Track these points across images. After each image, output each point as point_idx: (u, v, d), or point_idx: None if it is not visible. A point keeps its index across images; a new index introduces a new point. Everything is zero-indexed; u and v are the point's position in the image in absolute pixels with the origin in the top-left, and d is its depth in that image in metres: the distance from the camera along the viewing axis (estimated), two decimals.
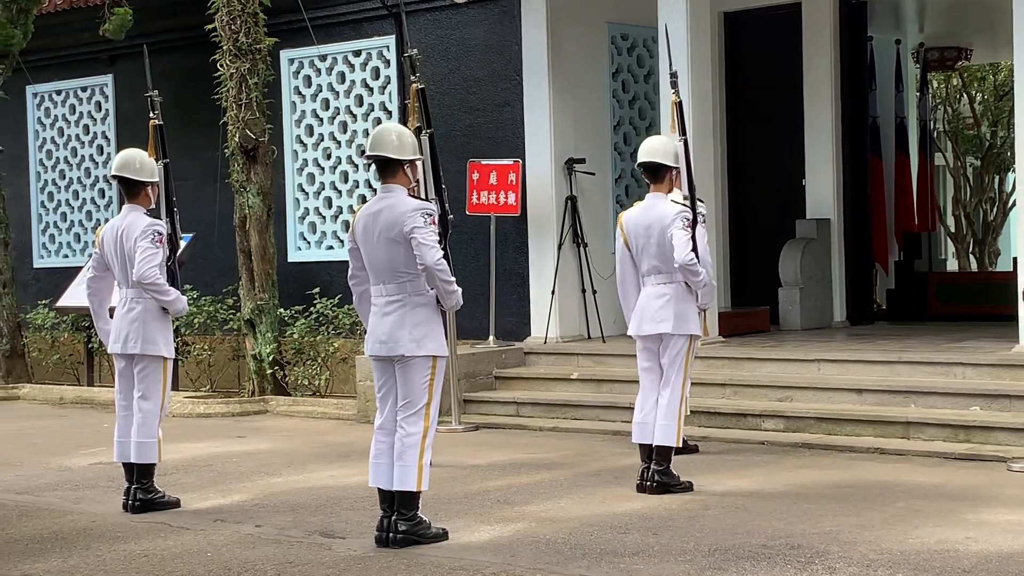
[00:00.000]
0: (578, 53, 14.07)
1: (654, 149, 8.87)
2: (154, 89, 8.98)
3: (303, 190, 15.90)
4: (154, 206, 8.79)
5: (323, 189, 15.78)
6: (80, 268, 16.44)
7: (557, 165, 13.75)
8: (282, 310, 14.50)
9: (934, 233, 17.79)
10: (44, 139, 18.58)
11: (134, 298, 8.64)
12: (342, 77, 15.58)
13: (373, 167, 14.77)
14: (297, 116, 15.89)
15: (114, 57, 17.47)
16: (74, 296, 15.83)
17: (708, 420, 11.05)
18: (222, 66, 14.33)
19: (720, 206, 14.78)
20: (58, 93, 18.37)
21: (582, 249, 13.76)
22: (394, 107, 15.00)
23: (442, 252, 7.22)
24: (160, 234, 8.54)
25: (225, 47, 14.25)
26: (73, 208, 18.32)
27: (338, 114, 15.62)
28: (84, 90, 18.09)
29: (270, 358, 14.21)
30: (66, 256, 18.39)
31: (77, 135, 18.24)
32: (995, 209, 25.27)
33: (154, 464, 8.68)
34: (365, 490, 9.01)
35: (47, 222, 18.61)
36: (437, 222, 7.26)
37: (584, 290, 13.80)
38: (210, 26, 14.39)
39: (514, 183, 13.63)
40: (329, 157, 15.72)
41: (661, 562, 6.84)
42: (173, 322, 8.96)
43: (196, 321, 14.93)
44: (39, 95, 18.53)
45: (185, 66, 16.09)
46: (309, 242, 15.87)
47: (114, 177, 8.83)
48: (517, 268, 14.03)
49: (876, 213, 15.62)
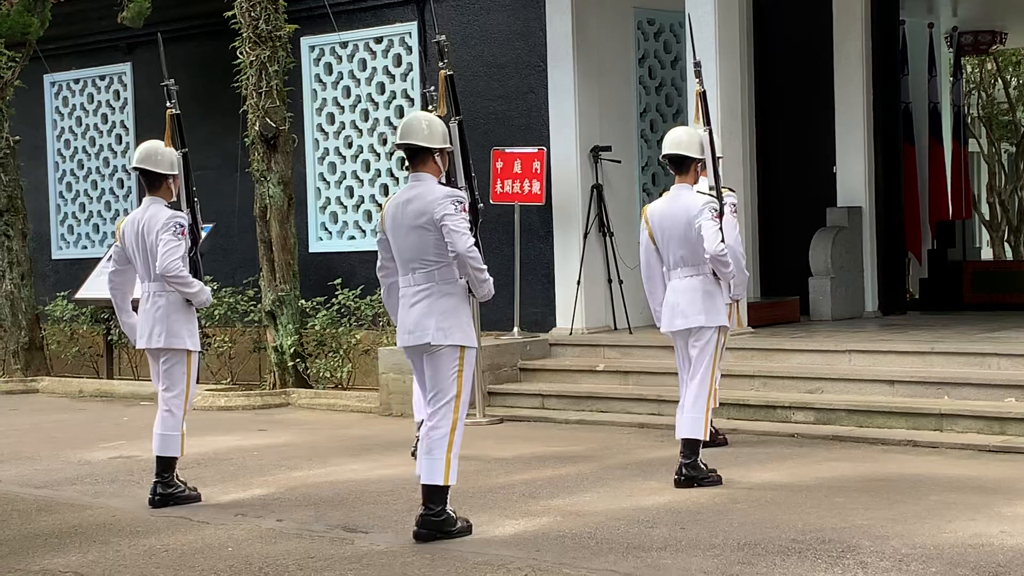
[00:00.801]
0: (604, 39, 14.05)
1: (679, 140, 8.87)
2: (170, 78, 9.00)
3: (324, 179, 15.92)
4: (175, 199, 8.82)
5: (344, 178, 15.81)
6: (99, 259, 16.51)
7: (582, 153, 13.74)
8: (303, 301, 14.53)
9: (968, 221, 17.72)
10: (62, 129, 18.66)
11: (157, 292, 8.67)
12: (364, 64, 15.59)
13: (395, 156, 14.84)
14: (318, 104, 15.91)
15: (132, 45, 17.52)
16: (93, 288, 15.90)
17: (737, 412, 11.05)
18: (242, 53, 14.35)
19: (749, 194, 14.73)
20: (76, 82, 18.43)
21: (608, 238, 13.75)
22: (416, 94, 15.01)
23: (474, 240, 7.26)
24: (182, 226, 8.58)
25: (245, 34, 14.28)
26: (92, 199, 18.39)
27: (359, 102, 15.64)
28: (102, 79, 18.15)
29: (291, 350, 14.25)
30: (85, 247, 18.46)
31: (95, 124, 18.30)
32: None
33: (176, 458, 8.72)
34: (388, 484, 9.05)
35: (65, 213, 18.69)
36: (468, 210, 7.30)
37: (610, 280, 13.79)
38: (229, 13, 14.41)
39: (539, 171, 13.62)
40: (351, 146, 15.74)
41: (689, 557, 6.84)
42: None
43: (216, 313, 14.97)
44: (57, 84, 18.60)
45: (204, 54, 16.13)
46: (330, 232, 15.89)
47: (134, 169, 8.86)
48: (542, 258, 14.03)
49: (909, 201, 15.56)
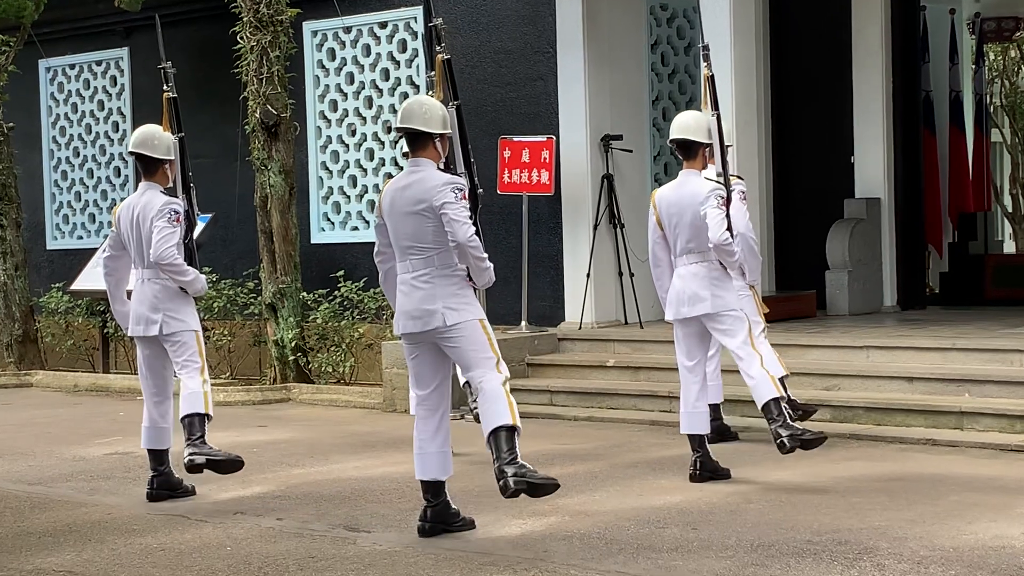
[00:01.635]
0: (615, 24, 14.04)
1: (686, 125, 8.88)
2: (167, 61, 9.00)
3: (327, 168, 15.93)
4: (172, 184, 8.86)
5: (348, 167, 15.81)
6: (95, 250, 16.52)
7: (593, 142, 13.73)
8: (305, 294, 14.54)
9: (990, 213, 17.71)
10: (57, 115, 18.67)
11: (151, 279, 8.71)
12: (367, 50, 15.59)
13: (400, 143, 14.82)
14: (320, 91, 15.91)
15: (130, 29, 17.52)
16: (89, 279, 15.91)
17: (751, 409, 10.99)
18: (242, 38, 14.35)
19: (764, 184, 14.72)
20: (72, 67, 18.44)
21: (619, 230, 13.74)
22: (421, 81, 14.99)
23: (474, 228, 7.26)
24: (177, 212, 8.61)
25: (245, 18, 14.28)
26: (88, 187, 18.40)
27: (363, 88, 15.64)
28: (99, 64, 18.16)
29: (292, 344, 14.25)
30: (80, 237, 18.48)
31: (91, 111, 18.31)
32: None
33: (202, 416, 8.71)
34: (391, 482, 9.05)
35: (60, 202, 18.70)
36: (467, 197, 7.31)
37: (621, 273, 13.79)
38: None
39: (547, 161, 13.61)
40: (354, 134, 15.74)
41: (701, 558, 6.84)
42: None
43: (216, 306, 14.98)
44: (52, 69, 18.61)
45: (203, 39, 16.13)
46: (333, 223, 15.90)
47: (131, 154, 8.89)
48: (550, 250, 14.03)
49: (929, 192, 15.54)
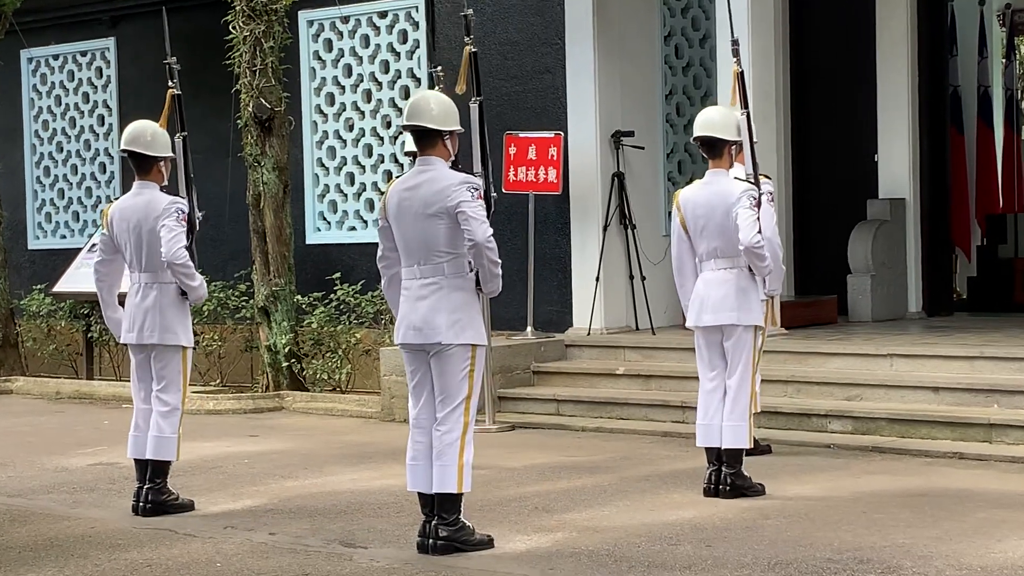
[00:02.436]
0: (627, 14, 14.03)
1: (711, 122, 8.87)
2: (172, 56, 9.01)
3: (323, 165, 15.93)
4: (167, 183, 8.88)
5: (345, 164, 15.81)
6: (79, 250, 16.53)
7: (603, 138, 13.72)
8: (299, 297, 14.53)
9: (1020, 215, 17.67)
10: (40, 108, 18.68)
11: (148, 283, 8.72)
12: (366, 41, 15.59)
13: (400, 140, 14.82)
14: (317, 84, 15.91)
15: (116, 19, 17.53)
16: (72, 280, 15.91)
17: (769, 420, 11.02)
18: (234, 28, 14.36)
19: (783, 183, 14.71)
20: (55, 58, 18.45)
21: (630, 231, 13.73)
22: (423, 74, 15.00)
23: (492, 230, 7.27)
24: (183, 211, 8.68)
25: (238, 7, 14.28)
26: (72, 184, 18.41)
27: (362, 81, 15.64)
28: (84, 55, 18.17)
29: (286, 350, 14.25)
30: (64, 237, 18.49)
31: (76, 104, 18.32)
32: None
33: (170, 462, 8.77)
34: (389, 495, 9.04)
35: (43, 199, 18.71)
36: (483, 197, 7.31)
37: (632, 276, 13.78)
38: None
39: (555, 158, 13.60)
40: (352, 129, 15.74)
41: None
42: None
43: (206, 309, 14.98)
44: (35, 60, 18.62)
45: (194, 28, 16.13)
46: (329, 222, 15.90)
47: (123, 151, 8.89)
48: (558, 252, 14.02)
49: (956, 192, 15.52)
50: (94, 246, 16.09)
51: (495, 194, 7.67)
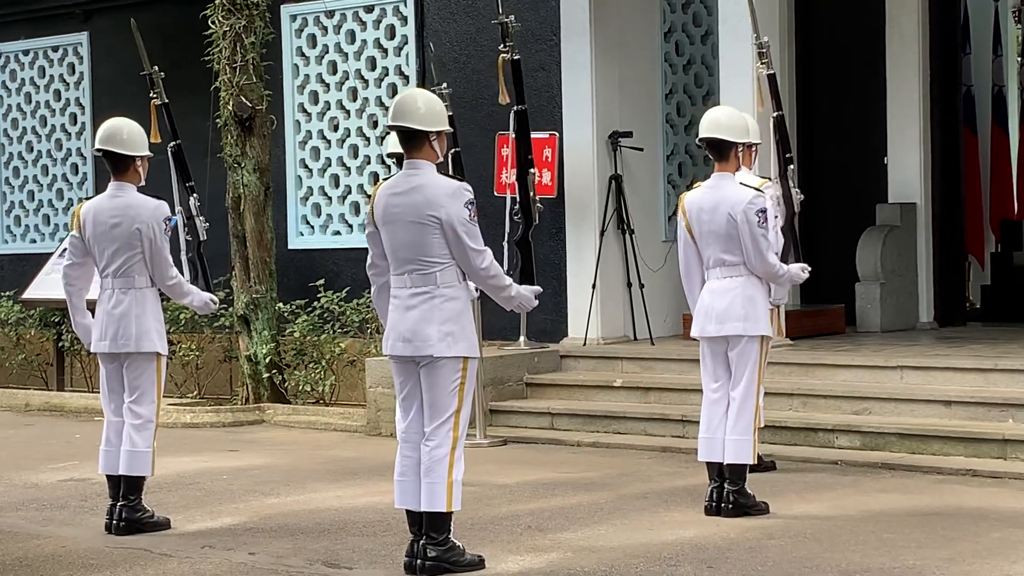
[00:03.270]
0: (625, 9, 14.04)
1: (717, 122, 8.87)
2: (154, 66, 9.02)
3: (306, 166, 15.92)
4: (144, 183, 8.88)
5: (329, 165, 15.81)
6: (50, 255, 16.51)
7: (600, 139, 13.72)
8: (281, 305, 14.52)
9: None
10: (9, 106, 18.66)
11: (120, 288, 8.72)
12: (352, 36, 15.59)
13: (386, 141, 14.79)
14: (300, 81, 15.91)
15: (89, 13, 17.52)
16: (43, 287, 15.88)
17: (773, 435, 11.03)
18: (214, 23, 14.35)
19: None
20: (25, 53, 18.44)
21: (628, 236, 13.73)
22: (412, 71, 15.01)
23: (490, 253, 7.31)
24: (170, 219, 8.67)
25: (217, 1, 14.28)
26: (42, 186, 18.39)
27: (347, 79, 15.64)
28: (55, 50, 18.16)
29: (267, 360, 14.24)
30: (33, 241, 18.47)
31: (47, 102, 18.30)
32: None
33: (144, 478, 8.75)
34: (375, 513, 9.04)
35: (12, 201, 18.69)
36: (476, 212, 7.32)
37: (630, 284, 13.78)
38: None
39: (550, 160, 13.61)
40: (336, 128, 15.74)
41: None
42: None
43: (182, 317, 14.96)
44: (3, 56, 18.61)
45: (171, 23, 16.12)
46: (313, 227, 15.89)
47: (99, 151, 8.88)
48: (552, 258, 14.02)
49: (970, 197, 15.53)
50: (65, 251, 16.09)
51: (540, 206, 7.68)
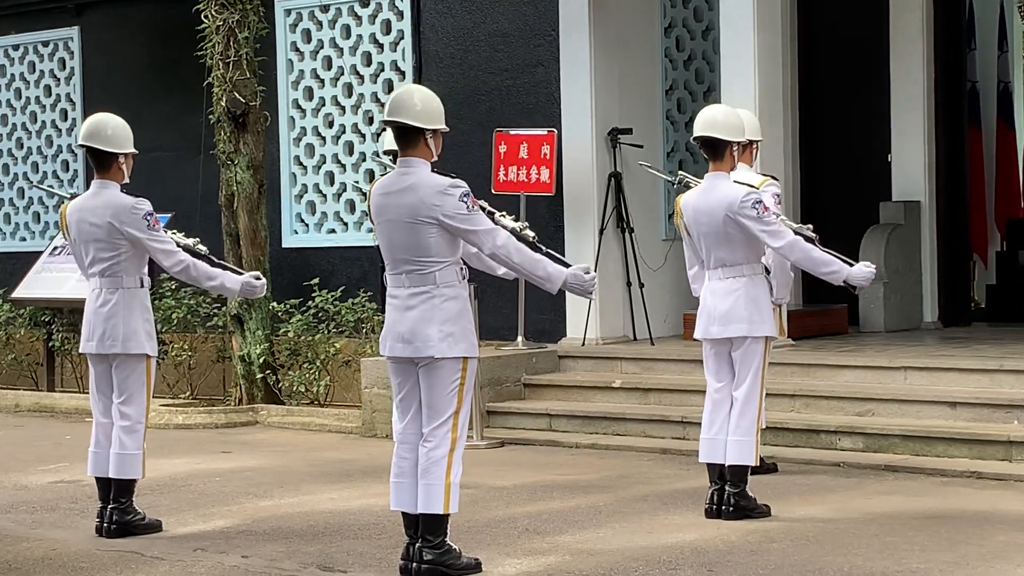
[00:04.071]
0: (625, 5, 14.04)
1: (712, 121, 8.88)
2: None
3: (301, 164, 15.91)
4: (128, 180, 8.85)
5: (324, 162, 15.80)
6: (40, 253, 16.51)
7: (599, 136, 13.72)
8: (275, 304, 14.52)
9: None
10: None
11: (108, 289, 8.71)
12: (347, 31, 15.58)
13: (382, 137, 14.79)
14: (294, 77, 15.90)
15: (81, 7, 17.50)
16: (33, 286, 15.88)
17: (775, 437, 11.03)
18: (206, 17, 14.34)
19: (790, 185, 14.72)
20: (15, 48, 18.42)
21: (627, 235, 13.73)
22: (408, 67, 15.00)
23: (504, 232, 7.29)
24: (153, 214, 8.65)
25: None
26: (32, 183, 18.36)
27: (342, 74, 15.63)
28: (46, 44, 18.14)
29: (260, 360, 14.23)
30: (23, 239, 18.45)
31: (37, 97, 18.29)
32: None
33: (135, 480, 8.75)
34: (371, 516, 9.04)
35: (1, 199, 18.68)
36: (476, 200, 7.28)
37: (629, 283, 13.78)
38: None
39: (548, 157, 13.60)
40: (331, 125, 15.73)
41: None
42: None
43: (175, 316, 14.96)
44: None
45: (163, 18, 16.13)
46: (307, 225, 15.88)
47: (81, 147, 8.88)
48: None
49: (974, 195, 15.53)
50: (56, 249, 16.11)
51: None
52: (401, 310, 7.38)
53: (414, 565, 7.35)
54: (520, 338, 13.58)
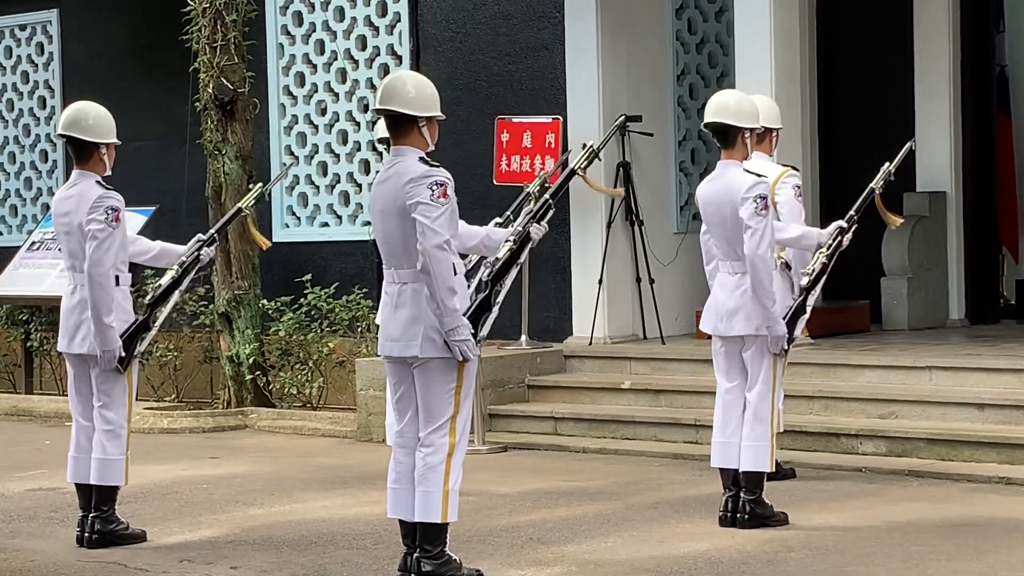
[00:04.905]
0: None
1: (724, 106, 8.88)
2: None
3: (292, 153, 15.92)
4: (109, 172, 8.85)
5: (317, 152, 15.80)
6: (17, 248, 16.52)
7: (606, 124, 13.72)
8: (265, 302, 14.52)
9: None
10: None
11: (83, 284, 8.70)
12: (341, 14, 15.59)
13: (377, 126, 14.82)
14: (285, 62, 15.90)
15: None
16: (10, 282, 15.89)
17: (793, 440, 11.03)
18: (193, 0, 14.35)
19: (809, 175, 14.71)
20: None
21: (637, 228, 13.73)
22: (405, 51, 15.00)
23: (447, 238, 7.13)
24: (116, 210, 8.60)
25: None
26: (9, 174, 18.39)
27: (335, 59, 15.63)
28: (23, 28, 18.16)
29: (250, 361, 14.24)
30: (0, 234, 18.46)
31: (14, 84, 18.31)
32: None
33: (117, 488, 8.76)
34: (366, 524, 9.04)
35: None
36: (450, 194, 7.22)
37: (639, 279, 13.78)
38: None
39: (553, 146, 13.61)
40: (324, 113, 15.73)
41: None
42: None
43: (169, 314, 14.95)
44: None
45: (147, 0, 16.13)
46: (299, 218, 15.89)
47: (61, 136, 8.88)
48: (556, 252, 14.01)
49: (1004, 185, 15.52)
50: (34, 244, 16.13)
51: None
52: (392, 307, 7.38)
53: None
54: (524, 337, 13.58)
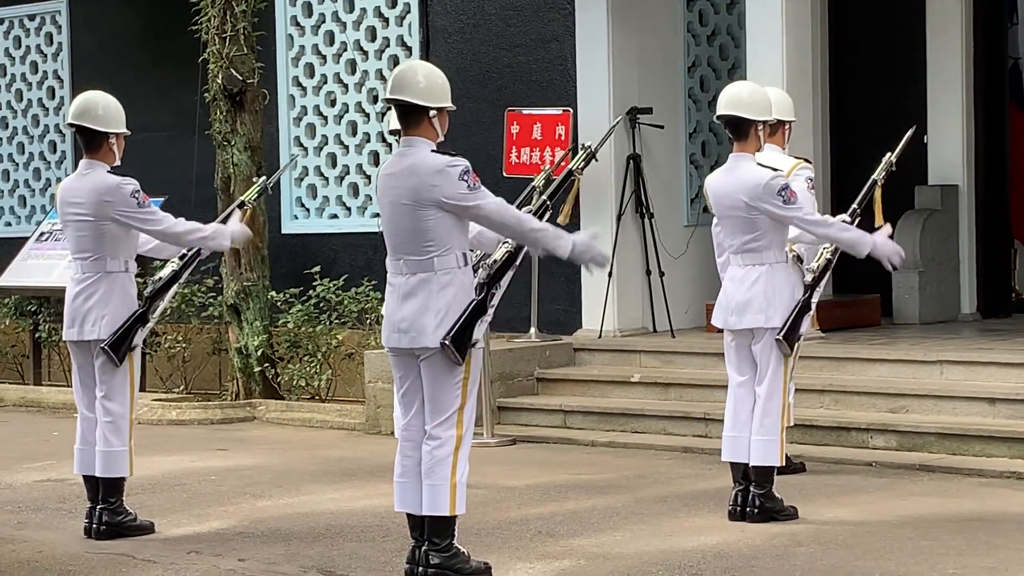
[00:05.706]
0: None
1: (737, 98, 8.88)
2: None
3: (301, 144, 15.93)
4: (119, 162, 8.88)
5: (326, 143, 15.81)
6: (25, 239, 16.54)
7: (617, 116, 13.71)
8: (274, 293, 14.53)
9: None
10: None
11: (89, 273, 8.73)
12: (350, 4, 15.59)
13: (387, 117, 14.80)
14: (295, 52, 15.91)
15: None
16: (18, 273, 15.90)
17: (802, 434, 11.03)
18: None
19: (820, 168, 14.69)
20: (0, 23, 18.44)
21: (647, 221, 13.73)
22: (415, 42, 15.00)
23: (504, 203, 7.26)
24: (139, 191, 8.66)
25: None
26: (17, 165, 18.41)
27: (345, 50, 15.63)
28: (32, 19, 18.17)
29: (259, 353, 14.25)
30: (8, 224, 18.49)
31: (23, 74, 18.32)
32: None
33: (123, 479, 8.78)
34: (374, 517, 9.06)
35: None
36: (477, 175, 7.28)
37: (649, 272, 13.78)
38: None
39: (563, 138, 13.61)
40: (334, 104, 15.74)
41: None
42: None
43: (167, 306, 14.96)
44: None
45: None
46: (308, 210, 15.90)
47: (71, 126, 8.90)
48: None
49: (1016, 178, 15.50)
50: (43, 235, 16.14)
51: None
52: (399, 298, 7.38)
53: (420, 569, 7.36)
54: (533, 330, 13.58)
